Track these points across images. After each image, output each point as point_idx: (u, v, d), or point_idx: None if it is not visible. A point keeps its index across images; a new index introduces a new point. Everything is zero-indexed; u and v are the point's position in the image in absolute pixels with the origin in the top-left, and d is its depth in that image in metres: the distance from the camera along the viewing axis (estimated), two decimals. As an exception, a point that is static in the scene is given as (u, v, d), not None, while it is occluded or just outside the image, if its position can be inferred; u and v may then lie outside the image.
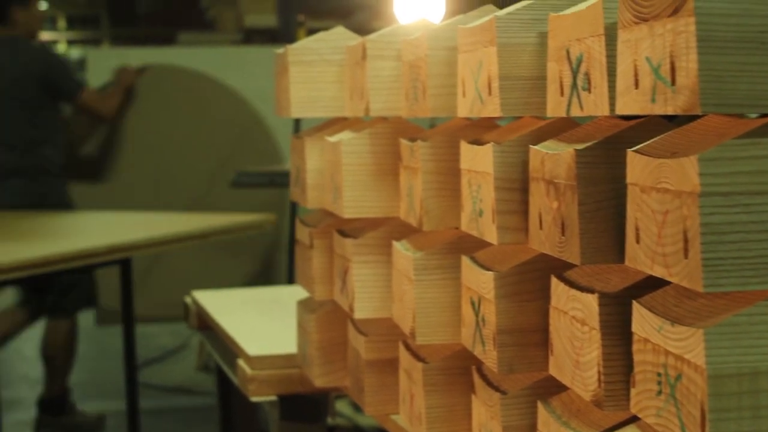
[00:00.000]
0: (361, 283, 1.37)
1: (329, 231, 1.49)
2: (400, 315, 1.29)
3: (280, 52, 1.57)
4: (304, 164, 1.52)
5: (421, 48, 1.22)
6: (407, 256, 1.24)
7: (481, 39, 1.07)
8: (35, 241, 3.09)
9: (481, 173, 1.08)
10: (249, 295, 2.32)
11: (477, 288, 1.10)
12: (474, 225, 1.12)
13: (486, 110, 1.07)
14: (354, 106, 1.43)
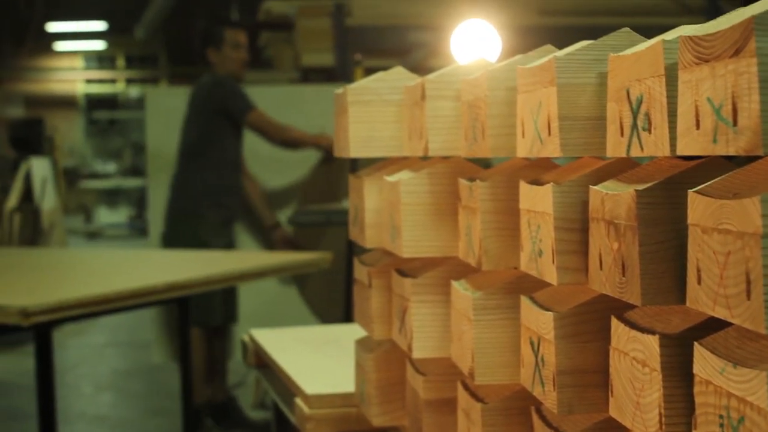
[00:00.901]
0: (420, 322, 1.37)
1: (388, 270, 1.50)
2: (458, 355, 1.29)
3: (339, 92, 1.59)
4: (362, 203, 1.53)
5: (481, 88, 1.23)
6: (466, 295, 1.24)
7: (541, 79, 1.08)
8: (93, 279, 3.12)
9: (540, 213, 1.08)
10: (306, 333, 2.33)
11: (536, 328, 1.10)
12: (533, 265, 1.12)
13: (545, 150, 1.08)
14: (413, 146, 1.44)
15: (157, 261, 3.48)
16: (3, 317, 2.25)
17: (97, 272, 3.25)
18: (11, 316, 2.23)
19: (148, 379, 6.18)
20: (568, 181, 1.06)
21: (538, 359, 1.10)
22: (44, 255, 4.17)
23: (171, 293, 2.77)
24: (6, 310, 2.24)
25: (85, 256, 3.74)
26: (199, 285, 2.88)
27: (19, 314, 2.22)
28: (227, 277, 3.02)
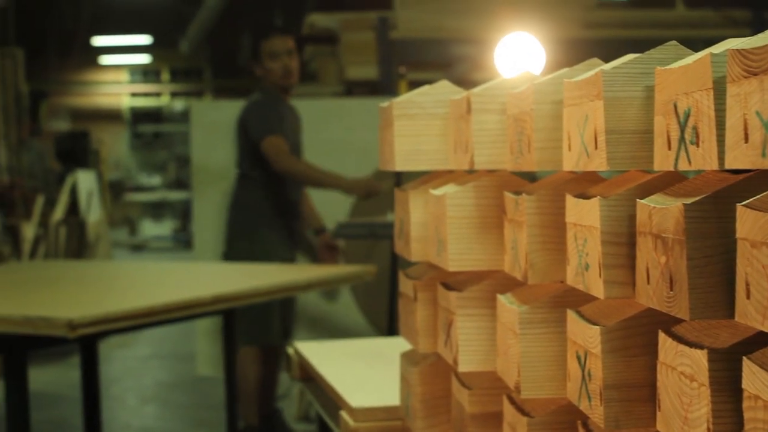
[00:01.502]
0: (466, 336, 1.37)
1: (433, 284, 1.50)
2: (504, 368, 1.29)
3: (384, 106, 1.60)
4: (408, 217, 1.53)
5: (527, 102, 1.23)
6: (512, 309, 1.24)
7: (588, 93, 1.08)
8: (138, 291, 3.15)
9: (587, 227, 1.08)
10: (351, 346, 2.33)
11: (583, 342, 1.10)
12: (580, 279, 1.11)
13: (592, 164, 1.07)
14: (458, 160, 1.44)
15: (201, 273, 3.50)
16: (50, 329, 2.26)
17: (142, 284, 3.27)
18: (58, 328, 2.25)
19: (192, 392, 6.22)
20: (615, 194, 1.05)
21: (584, 373, 1.10)
22: (90, 267, 4.21)
23: (216, 305, 2.79)
24: (53, 322, 2.26)
25: (130, 268, 3.76)
26: (243, 297, 2.90)
27: (65, 326, 2.24)
28: (272, 290, 3.03)
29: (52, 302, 2.68)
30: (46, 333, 2.28)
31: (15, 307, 2.45)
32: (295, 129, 4.69)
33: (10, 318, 2.31)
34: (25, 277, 3.49)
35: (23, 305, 2.51)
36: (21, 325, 2.29)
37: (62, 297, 2.82)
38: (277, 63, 4.57)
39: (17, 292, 2.97)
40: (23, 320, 2.28)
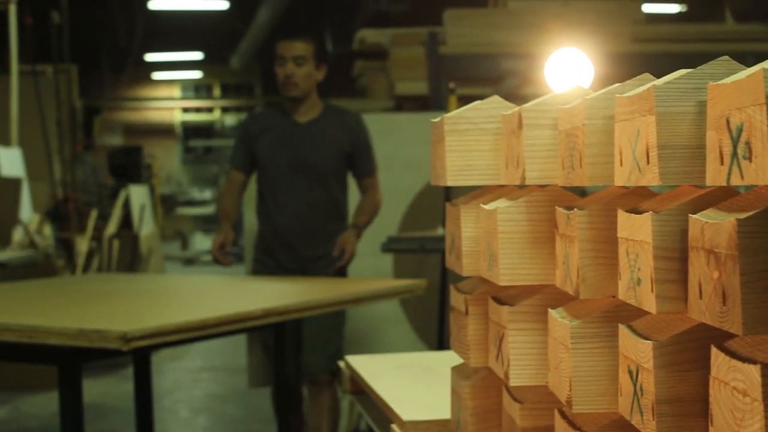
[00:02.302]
0: (517, 350, 1.38)
1: (484, 298, 1.51)
2: (556, 383, 1.29)
3: (435, 121, 1.61)
4: (459, 232, 1.54)
5: (578, 117, 1.23)
6: (564, 324, 1.24)
7: (640, 108, 1.08)
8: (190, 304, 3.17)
9: (639, 242, 1.08)
10: (402, 360, 2.34)
11: (635, 357, 1.10)
12: (632, 294, 1.12)
13: (644, 179, 1.08)
14: (509, 175, 1.45)
15: (252, 287, 3.52)
16: (104, 342, 2.29)
17: (193, 298, 3.29)
18: (112, 341, 2.27)
19: (242, 404, 6.26)
20: (667, 209, 1.06)
21: (636, 388, 1.10)
22: (142, 280, 4.25)
23: (267, 319, 2.80)
24: (107, 335, 2.28)
25: (182, 281, 3.78)
26: (294, 311, 2.91)
27: (119, 339, 2.27)
28: (323, 303, 3.05)
29: (105, 315, 2.71)
30: (101, 346, 2.31)
31: (69, 319, 2.47)
32: (298, 143, 4.27)
33: (65, 331, 2.34)
34: (79, 289, 3.54)
35: (77, 318, 2.54)
36: (75, 338, 2.32)
37: (116, 310, 2.85)
38: (279, 69, 4.28)
39: (71, 304, 3.00)
40: (78, 333, 2.31)
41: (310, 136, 4.28)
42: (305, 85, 4.26)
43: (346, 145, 4.30)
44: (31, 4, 10.24)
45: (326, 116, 4.34)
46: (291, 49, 4.25)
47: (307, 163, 4.25)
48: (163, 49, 22.72)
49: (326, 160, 4.27)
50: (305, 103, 4.30)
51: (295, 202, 4.25)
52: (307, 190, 4.26)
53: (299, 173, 4.25)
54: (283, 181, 4.26)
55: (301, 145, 4.27)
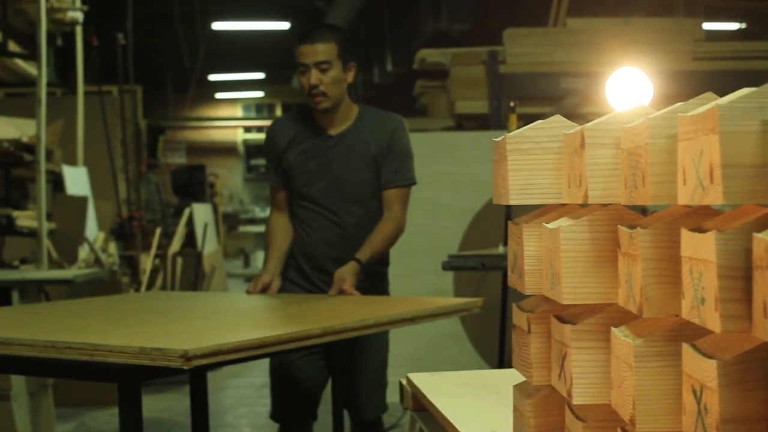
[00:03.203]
0: (580, 368, 1.38)
1: (547, 316, 1.51)
2: (619, 401, 1.29)
3: (498, 140, 1.62)
4: (521, 250, 1.54)
5: (641, 136, 1.24)
6: (627, 342, 1.24)
7: (703, 127, 1.08)
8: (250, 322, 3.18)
9: (703, 261, 1.08)
10: (463, 377, 2.35)
11: (699, 376, 1.10)
12: (695, 312, 1.12)
13: (708, 198, 1.08)
14: (572, 193, 1.45)
15: (311, 305, 3.50)
16: (165, 360, 2.28)
17: (252, 316, 3.30)
18: (173, 359, 2.27)
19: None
20: (731, 228, 1.06)
21: (700, 407, 1.10)
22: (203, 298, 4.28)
23: (326, 338, 2.77)
24: (168, 354, 2.27)
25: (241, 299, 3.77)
26: (351, 330, 2.88)
27: (180, 358, 2.26)
28: (379, 323, 3.03)
29: (166, 333, 2.73)
30: (162, 364, 2.31)
31: (131, 338, 2.49)
32: (330, 160, 3.82)
33: (126, 349, 2.34)
34: (140, 307, 3.56)
35: (139, 336, 2.56)
36: (137, 357, 2.32)
37: (176, 328, 2.87)
38: (302, 79, 3.77)
39: (133, 322, 3.03)
40: (139, 351, 2.32)
41: (341, 151, 3.82)
42: (335, 93, 3.75)
43: (378, 153, 3.81)
44: (97, 26, 10.42)
45: (360, 124, 3.84)
46: (312, 54, 3.72)
47: (340, 181, 3.81)
48: (226, 69, 22.98)
49: (361, 175, 3.80)
50: (337, 112, 3.81)
51: (328, 223, 3.83)
52: (341, 210, 3.82)
53: (332, 192, 3.82)
54: (314, 201, 3.83)
55: (333, 162, 3.81)
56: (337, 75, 3.74)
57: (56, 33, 9.33)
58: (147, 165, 13.86)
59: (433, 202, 5.91)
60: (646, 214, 1.41)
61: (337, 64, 3.73)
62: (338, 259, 3.75)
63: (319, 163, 3.81)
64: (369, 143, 3.80)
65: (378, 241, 3.76)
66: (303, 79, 3.75)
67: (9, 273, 5.89)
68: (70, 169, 8.66)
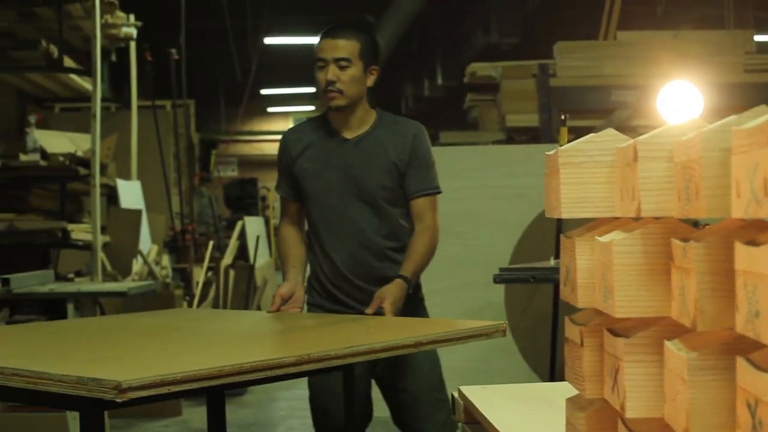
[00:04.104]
0: (633, 382, 1.38)
1: (600, 330, 1.51)
2: (672, 415, 1.29)
3: (550, 154, 1.62)
4: (574, 263, 1.55)
5: (695, 149, 1.24)
6: (681, 356, 1.24)
7: (757, 140, 1.08)
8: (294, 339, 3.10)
9: (757, 274, 1.08)
10: (515, 390, 2.35)
11: (753, 390, 1.10)
12: (750, 326, 1.11)
13: (762, 211, 1.08)
14: (624, 207, 1.46)
15: (354, 321, 3.34)
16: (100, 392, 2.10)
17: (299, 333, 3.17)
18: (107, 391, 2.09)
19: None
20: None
21: (755, 421, 1.09)
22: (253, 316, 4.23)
23: (301, 367, 2.46)
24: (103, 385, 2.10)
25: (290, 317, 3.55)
26: (335, 358, 2.58)
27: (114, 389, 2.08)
28: (392, 346, 2.72)
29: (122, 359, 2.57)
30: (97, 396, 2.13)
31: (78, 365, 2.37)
32: (346, 165, 3.62)
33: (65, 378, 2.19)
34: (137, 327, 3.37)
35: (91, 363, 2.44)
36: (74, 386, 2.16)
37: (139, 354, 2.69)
38: (319, 74, 3.58)
39: (108, 345, 2.91)
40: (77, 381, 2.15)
41: (359, 155, 3.61)
42: (351, 93, 3.56)
43: (401, 160, 3.62)
44: (150, 41, 10.55)
45: (378, 128, 3.65)
46: (332, 49, 3.55)
47: (358, 188, 3.59)
48: (277, 84, 23.13)
49: (380, 182, 3.60)
50: (353, 114, 3.63)
51: (345, 235, 3.62)
52: (361, 220, 3.61)
53: (350, 201, 3.61)
54: (330, 212, 3.63)
55: (349, 167, 3.61)
56: (355, 74, 3.56)
57: (111, 48, 9.46)
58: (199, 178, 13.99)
59: (483, 215, 5.91)
60: (697, 227, 1.41)
61: (357, 63, 3.56)
62: (360, 274, 3.60)
63: (336, 168, 3.61)
64: (388, 148, 3.61)
65: (418, 254, 3.57)
66: (320, 75, 3.56)
67: (64, 285, 5.98)
68: (124, 183, 8.77)
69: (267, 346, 2.84)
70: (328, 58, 3.53)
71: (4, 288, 5.54)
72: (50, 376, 2.21)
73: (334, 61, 3.53)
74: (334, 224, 3.62)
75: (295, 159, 3.66)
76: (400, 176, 3.61)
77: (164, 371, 2.15)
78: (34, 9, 7.93)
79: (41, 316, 5.67)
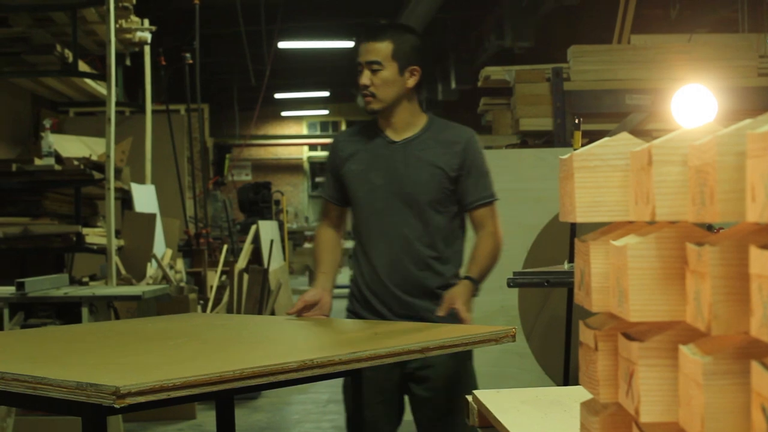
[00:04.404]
0: (647, 386, 1.38)
1: (614, 334, 1.51)
2: (687, 419, 1.29)
3: (564, 158, 1.62)
4: (588, 268, 1.55)
5: (709, 153, 1.24)
6: (695, 360, 1.24)
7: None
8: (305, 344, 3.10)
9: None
10: (529, 394, 2.35)
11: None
12: (764, 330, 1.11)
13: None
14: (639, 211, 1.45)
15: (364, 326, 3.30)
16: (99, 398, 2.09)
17: (305, 338, 3.16)
18: (106, 397, 2.08)
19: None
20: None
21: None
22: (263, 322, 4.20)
23: (303, 372, 2.47)
24: (102, 390, 2.09)
25: (300, 323, 3.48)
26: (339, 364, 2.55)
27: (112, 395, 2.07)
28: (396, 352, 2.70)
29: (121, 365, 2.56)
30: (96, 401, 2.11)
31: (78, 370, 2.38)
32: (392, 168, 3.57)
33: (64, 383, 2.18)
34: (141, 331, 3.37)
35: (90, 368, 2.45)
36: (73, 392, 2.15)
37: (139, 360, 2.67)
38: (358, 77, 3.57)
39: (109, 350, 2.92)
40: (76, 386, 2.15)
41: (405, 158, 3.56)
42: (385, 95, 3.52)
43: (450, 167, 3.56)
44: (164, 46, 10.58)
45: (428, 132, 3.60)
46: (365, 53, 3.53)
47: (402, 192, 3.54)
48: (291, 88, 23.17)
49: (426, 187, 3.53)
50: (397, 116, 3.57)
51: (387, 240, 3.55)
52: (403, 225, 3.54)
53: (393, 204, 3.54)
54: (374, 215, 3.58)
55: (395, 170, 3.56)
56: (388, 76, 3.51)
57: (125, 53, 9.50)
58: (213, 182, 14.02)
59: (508, 219, 5.91)
60: (711, 232, 1.40)
61: (390, 65, 3.51)
62: (402, 281, 3.53)
63: (381, 170, 3.56)
64: (436, 153, 3.55)
65: (482, 258, 3.55)
66: (358, 78, 3.57)
67: (79, 289, 6.00)
68: (138, 187, 8.79)
69: (271, 351, 2.81)
70: (362, 62, 3.54)
71: (19, 292, 5.56)
72: (50, 381, 2.20)
73: (367, 65, 3.53)
74: (376, 228, 3.57)
75: (343, 161, 3.64)
76: (449, 182, 3.56)
77: (164, 377, 2.14)
78: (49, 14, 7.97)
79: (56, 320, 5.69)
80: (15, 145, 9.15)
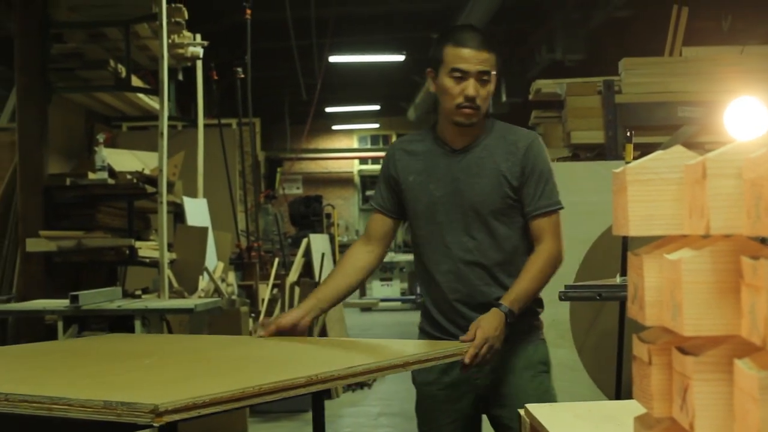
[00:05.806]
0: (702, 401, 1.37)
1: (668, 348, 1.50)
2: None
3: (617, 172, 1.62)
4: (642, 281, 1.54)
5: (764, 166, 1.23)
6: (751, 374, 1.23)
7: (828, 158, 1.07)
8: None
9: (829, 292, 1.07)
10: (581, 409, 2.33)
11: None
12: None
13: (834, 229, 1.07)
14: (693, 224, 1.45)
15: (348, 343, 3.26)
16: (133, 417, 2.06)
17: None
18: (143, 415, 2.05)
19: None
20: None
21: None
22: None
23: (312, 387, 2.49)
24: (136, 409, 2.07)
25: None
26: (338, 379, 2.61)
27: (150, 413, 2.05)
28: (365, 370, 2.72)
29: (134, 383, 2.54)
30: (128, 420, 2.07)
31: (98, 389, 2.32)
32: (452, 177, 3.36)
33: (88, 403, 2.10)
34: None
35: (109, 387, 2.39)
36: (100, 412, 2.08)
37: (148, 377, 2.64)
38: (455, 86, 3.25)
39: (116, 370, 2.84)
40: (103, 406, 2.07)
41: (465, 167, 3.34)
42: (485, 109, 3.30)
43: (513, 174, 3.33)
44: (216, 61, 10.67)
45: (488, 138, 3.37)
46: (477, 61, 3.22)
47: (463, 203, 3.32)
48: (342, 102, 23.28)
49: (488, 196, 3.32)
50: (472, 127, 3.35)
51: (450, 254, 3.35)
52: (465, 237, 3.34)
53: (454, 215, 3.34)
54: (435, 227, 3.36)
55: (455, 180, 3.34)
56: (492, 89, 3.28)
57: (177, 68, 9.59)
58: (265, 196, 14.09)
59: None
60: (766, 245, 1.39)
61: (494, 77, 3.27)
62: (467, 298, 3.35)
63: (441, 181, 3.35)
64: (498, 159, 3.32)
65: (526, 281, 3.26)
66: (456, 87, 3.24)
67: (132, 302, 6.05)
68: (190, 201, 8.86)
69: (278, 368, 2.80)
70: (471, 71, 3.22)
71: (73, 305, 5.62)
72: (70, 401, 2.07)
73: (477, 75, 3.23)
74: (438, 242, 3.35)
75: (400, 172, 3.43)
76: (512, 190, 3.32)
77: (189, 395, 2.11)
78: (103, 30, 8.07)
79: (109, 332, 5.75)
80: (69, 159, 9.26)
